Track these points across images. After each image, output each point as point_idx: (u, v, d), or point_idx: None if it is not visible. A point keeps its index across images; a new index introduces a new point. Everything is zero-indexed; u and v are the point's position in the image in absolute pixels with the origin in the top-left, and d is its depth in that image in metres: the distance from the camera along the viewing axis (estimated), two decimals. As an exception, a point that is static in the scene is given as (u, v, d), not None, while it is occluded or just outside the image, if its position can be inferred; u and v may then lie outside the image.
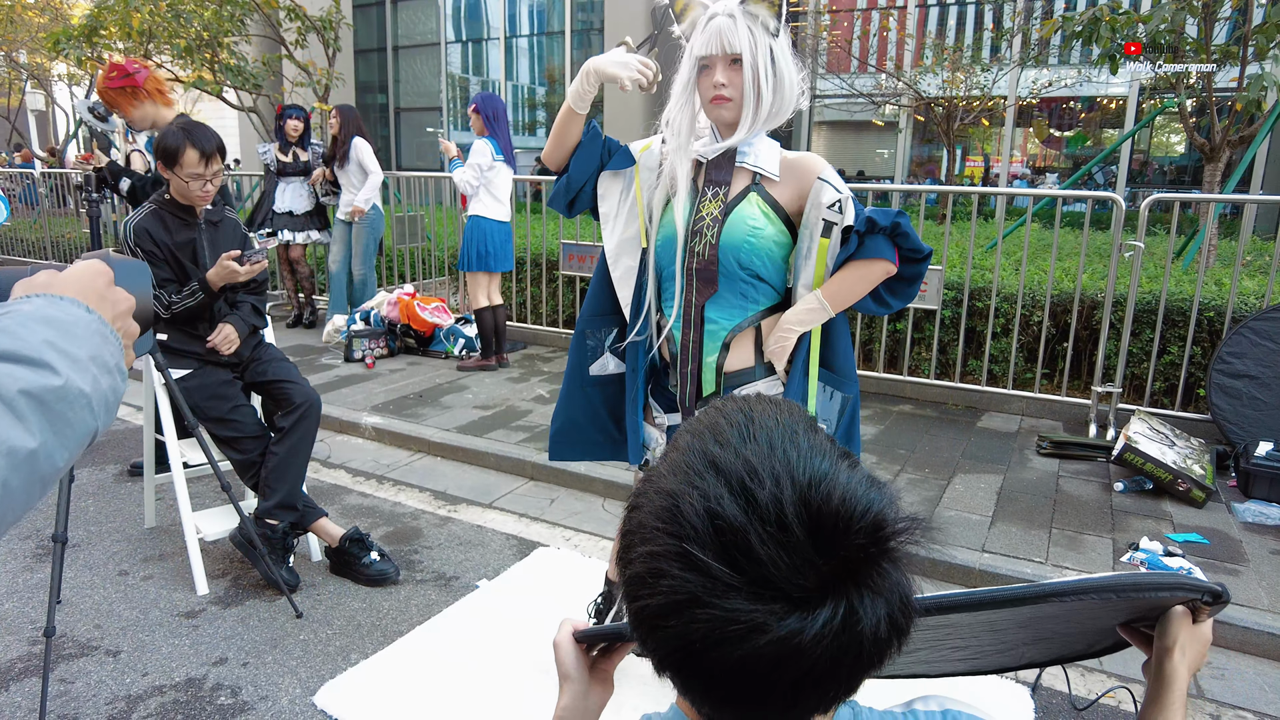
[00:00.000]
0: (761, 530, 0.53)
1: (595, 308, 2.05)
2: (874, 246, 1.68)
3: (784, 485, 0.55)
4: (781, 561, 0.53)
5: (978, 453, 3.99)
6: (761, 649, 0.53)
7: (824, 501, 0.55)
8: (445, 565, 3.02)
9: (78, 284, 0.69)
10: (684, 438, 0.63)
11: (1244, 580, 2.80)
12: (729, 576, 0.53)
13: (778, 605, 0.53)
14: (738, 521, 0.54)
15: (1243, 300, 4.20)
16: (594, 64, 1.81)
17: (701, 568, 0.54)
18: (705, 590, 0.54)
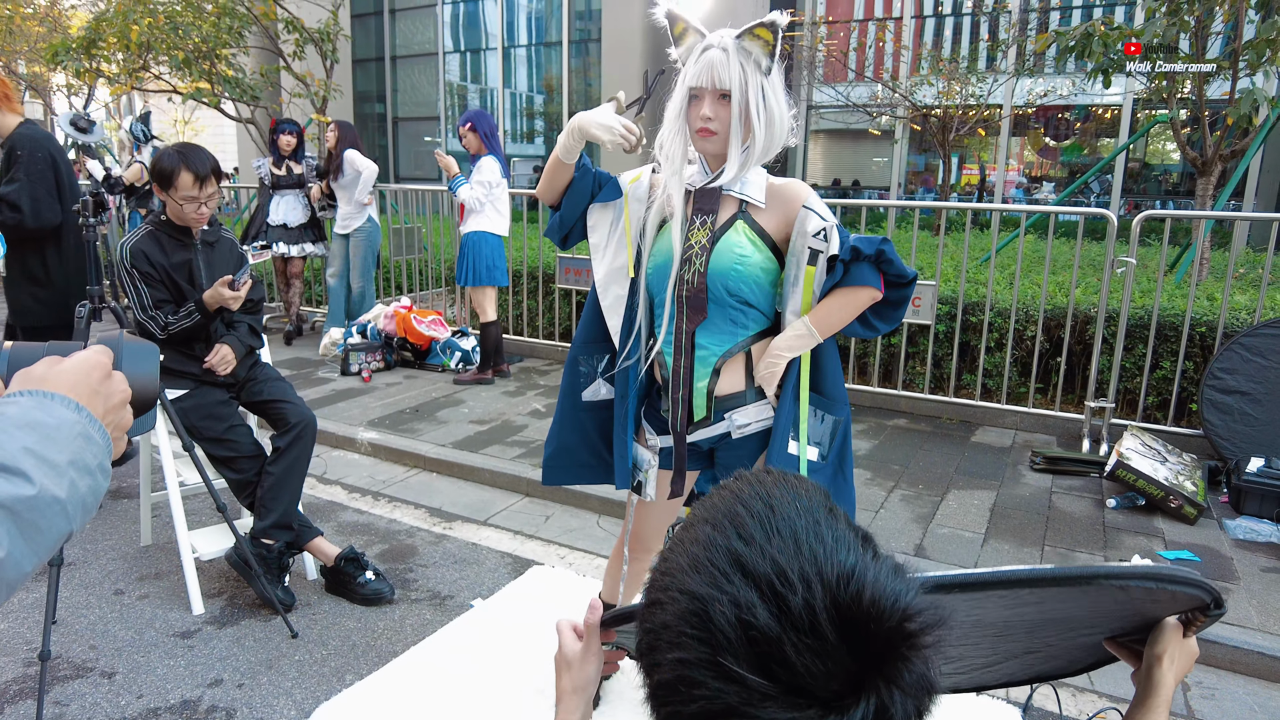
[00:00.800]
0: (796, 639, 0.53)
1: (587, 334, 2.07)
2: (859, 274, 1.71)
3: (815, 588, 0.55)
4: (816, 668, 0.53)
5: (971, 468, 4.01)
6: None
7: (854, 601, 0.55)
8: (440, 584, 3.03)
9: (72, 379, 0.70)
10: (703, 529, 0.62)
11: (1235, 599, 2.82)
12: (765, 686, 0.53)
13: (812, 711, 0.53)
14: (772, 632, 0.54)
15: (1234, 315, 4.23)
16: (580, 121, 1.84)
17: (737, 679, 0.54)
18: (740, 700, 0.54)
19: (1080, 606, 0.95)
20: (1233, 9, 5.54)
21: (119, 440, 0.75)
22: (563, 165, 1.90)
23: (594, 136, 1.83)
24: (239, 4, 8.95)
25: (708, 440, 1.94)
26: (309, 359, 6.03)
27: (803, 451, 1.81)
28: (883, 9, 14.79)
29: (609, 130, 1.81)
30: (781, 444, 1.80)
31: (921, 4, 14.40)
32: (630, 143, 1.84)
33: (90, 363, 0.73)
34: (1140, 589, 0.88)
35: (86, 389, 0.71)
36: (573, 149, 1.87)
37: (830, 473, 1.85)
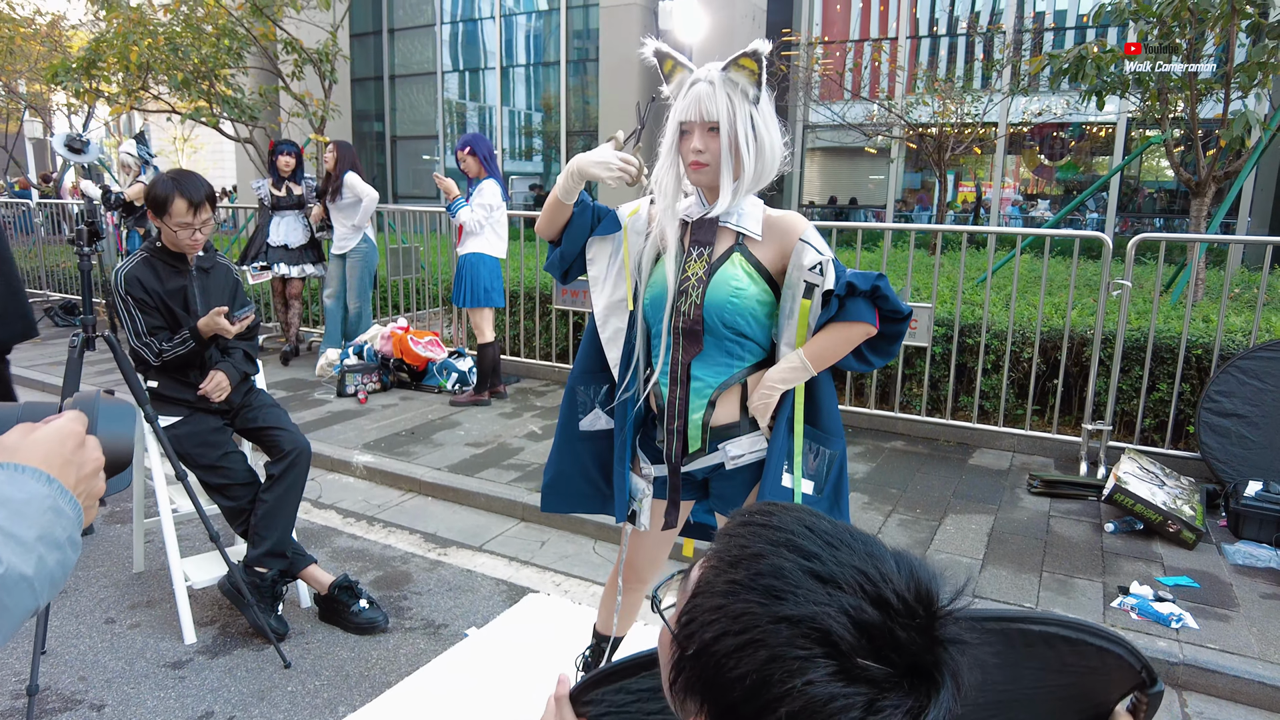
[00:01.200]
0: (903, 622, 0.60)
1: (586, 365, 2.07)
2: (854, 310, 1.71)
3: (892, 578, 0.62)
4: (918, 643, 0.60)
5: (969, 491, 4.00)
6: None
7: (920, 580, 0.63)
8: (434, 612, 3.01)
9: (44, 450, 0.69)
10: (736, 572, 0.64)
11: (1234, 626, 2.80)
12: (888, 674, 0.59)
13: (923, 689, 0.59)
14: (883, 623, 0.60)
15: (1230, 338, 4.23)
16: (578, 164, 1.86)
17: (867, 678, 0.58)
18: (873, 694, 0.58)
19: (1021, 681, 0.96)
20: (1224, 32, 5.58)
21: (90, 509, 0.74)
22: (562, 205, 1.91)
23: (593, 176, 1.85)
24: (239, 25, 9.00)
25: (702, 470, 1.94)
26: (305, 380, 6.02)
27: (797, 484, 1.80)
28: (878, 29, 14.91)
29: (607, 167, 1.83)
30: (775, 476, 1.79)
31: (917, 24, 14.52)
32: (631, 175, 1.85)
33: (64, 432, 0.72)
34: (1068, 649, 0.89)
35: (59, 459, 0.70)
36: (572, 190, 1.88)
37: (825, 507, 1.84)
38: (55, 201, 10.36)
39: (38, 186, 16.14)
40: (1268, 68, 5.39)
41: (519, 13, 17.52)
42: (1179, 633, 2.74)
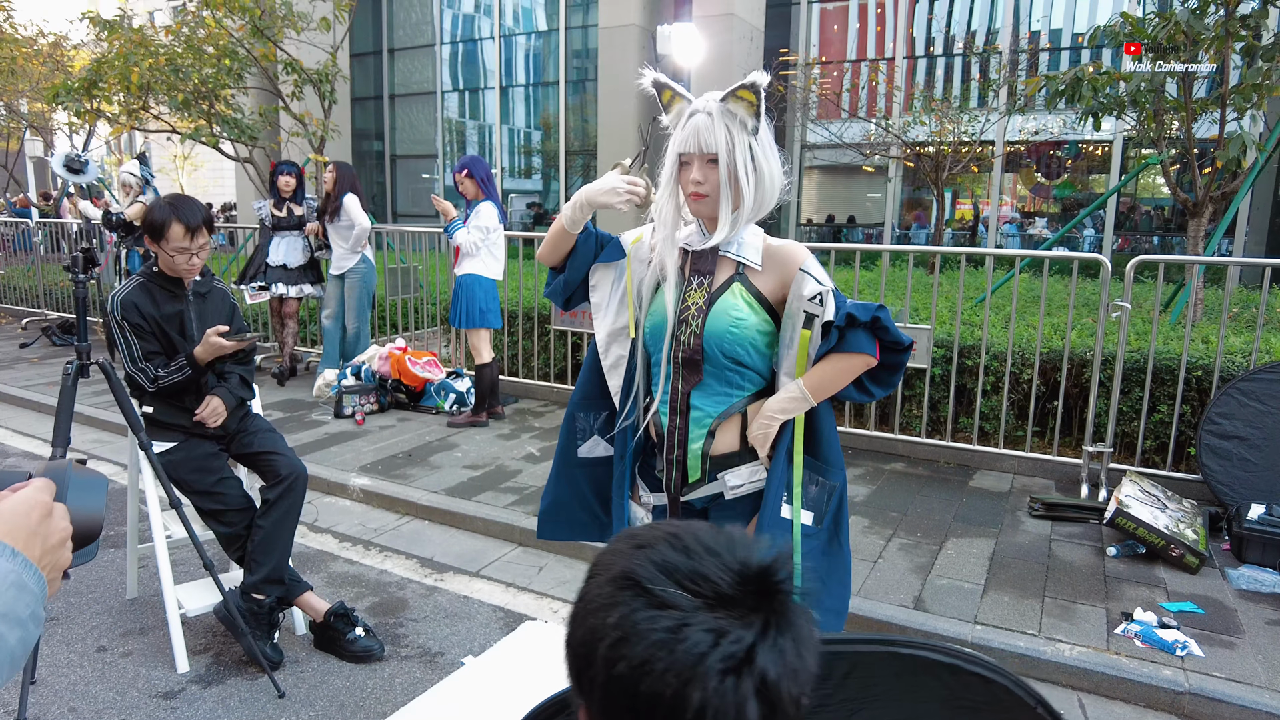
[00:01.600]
0: (711, 561, 0.66)
1: (586, 391, 2.06)
2: (854, 341, 1.69)
3: (705, 538, 0.69)
4: (728, 578, 0.65)
5: (970, 515, 3.97)
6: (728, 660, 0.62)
7: (748, 557, 0.67)
8: (431, 640, 2.97)
9: (9, 523, 0.68)
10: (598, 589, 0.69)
11: (1240, 654, 2.77)
12: (692, 600, 0.63)
13: (734, 612, 0.63)
14: (688, 565, 0.66)
15: (1230, 359, 4.22)
16: (586, 194, 1.85)
17: (670, 603, 0.63)
18: (678, 621, 0.62)
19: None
20: (1219, 54, 5.62)
21: (54, 580, 0.72)
22: (567, 235, 1.90)
23: (603, 204, 1.84)
24: (239, 46, 9.06)
25: (701, 500, 1.92)
26: (302, 400, 6.00)
27: (796, 516, 1.78)
28: (875, 50, 15.03)
29: (614, 193, 1.82)
30: (774, 508, 1.77)
31: (913, 45, 14.64)
32: (640, 196, 1.84)
33: (30, 502, 0.70)
34: (951, 678, 0.92)
35: (24, 532, 0.68)
36: (579, 220, 1.88)
37: (825, 539, 1.82)
38: (54, 220, 10.37)
39: (38, 205, 16.17)
40: (1262, 89, 5.42)
41: (518, 33, 17.66)
42: (1184, 660, 2.71)
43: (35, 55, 14.58)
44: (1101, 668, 2.69)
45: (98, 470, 0.89)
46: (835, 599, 1.82)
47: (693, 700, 0.60)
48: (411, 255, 7.16)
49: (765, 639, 0.63)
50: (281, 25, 9.00)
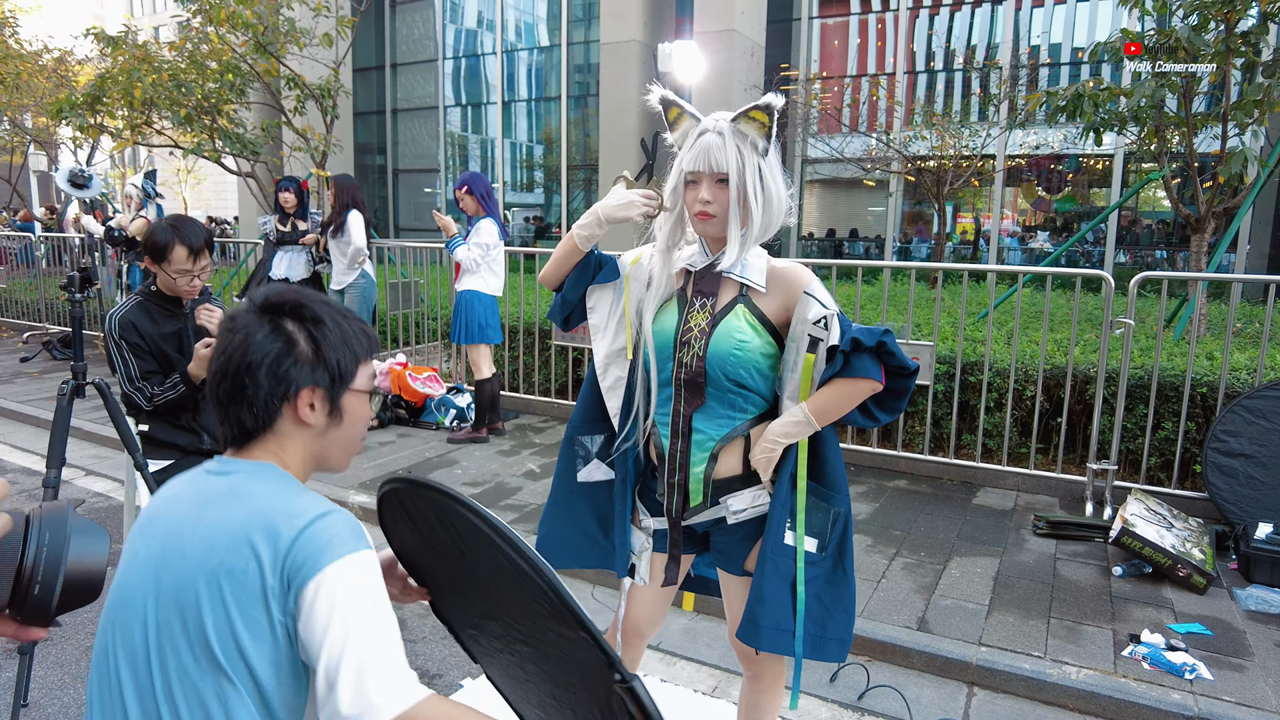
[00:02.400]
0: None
1: (585, 414, 2.03)
2: (859, 366, 1.67)
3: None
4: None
5: (974, 533, 3.93)
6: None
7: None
8: (429, 662, 2.94)
9: None
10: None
11: (1250, 676, 2.73)
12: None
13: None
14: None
15: (1235, 376, 4.20)
16: (601, 210, 1.83)
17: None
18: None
19: (478, 572, 1.16)
20: (1219, 70, 5.63)
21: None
22: (577, 252, 1.88)
23: (620, 218, 1.82)
24: (242, 61, 9.10)
25: (703, 524, 1.89)
26: (302, 416, 5.97)
27: (800, 542, 1.75)
28: (875, 65, 15.10)
29: (629, 206, 1.81)
30: (778, 533, 1.74)
31: (914, 60, 14.71)
32: (654, 206, 1.82)
33: None
34: (495, 551, 1.07)
35: None
36: (592, 238, 1.86)
37: (829, 566, 1.79)
38: (58, 235, 10.40)
39: (42, 220, 16.23)
40: (1263, 105, 5.42)
41: (520, 48, 17.76)
42: (1193, 684, 2.67)
43: (40, 70, 14.68)
44: (1109, 691, 2.65)
45: (100, 525, 0.89)
46: (839, 628, 1.78)
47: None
48: (412, 270, 7.16)
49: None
50: (284, 41, 9.05)
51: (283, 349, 1.14)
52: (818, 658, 1.77)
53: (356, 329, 1.21)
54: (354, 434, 1.23)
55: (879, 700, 2.73)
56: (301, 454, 1.19)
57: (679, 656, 2.99)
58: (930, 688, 2.81)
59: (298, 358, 1.15)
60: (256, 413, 1.14)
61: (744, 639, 1.74)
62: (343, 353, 1.18)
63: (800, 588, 1.73)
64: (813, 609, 1.75)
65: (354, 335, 1.20)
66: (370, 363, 1.24)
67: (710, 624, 3.20)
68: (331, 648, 0.99)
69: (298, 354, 1.15)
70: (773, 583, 1.72)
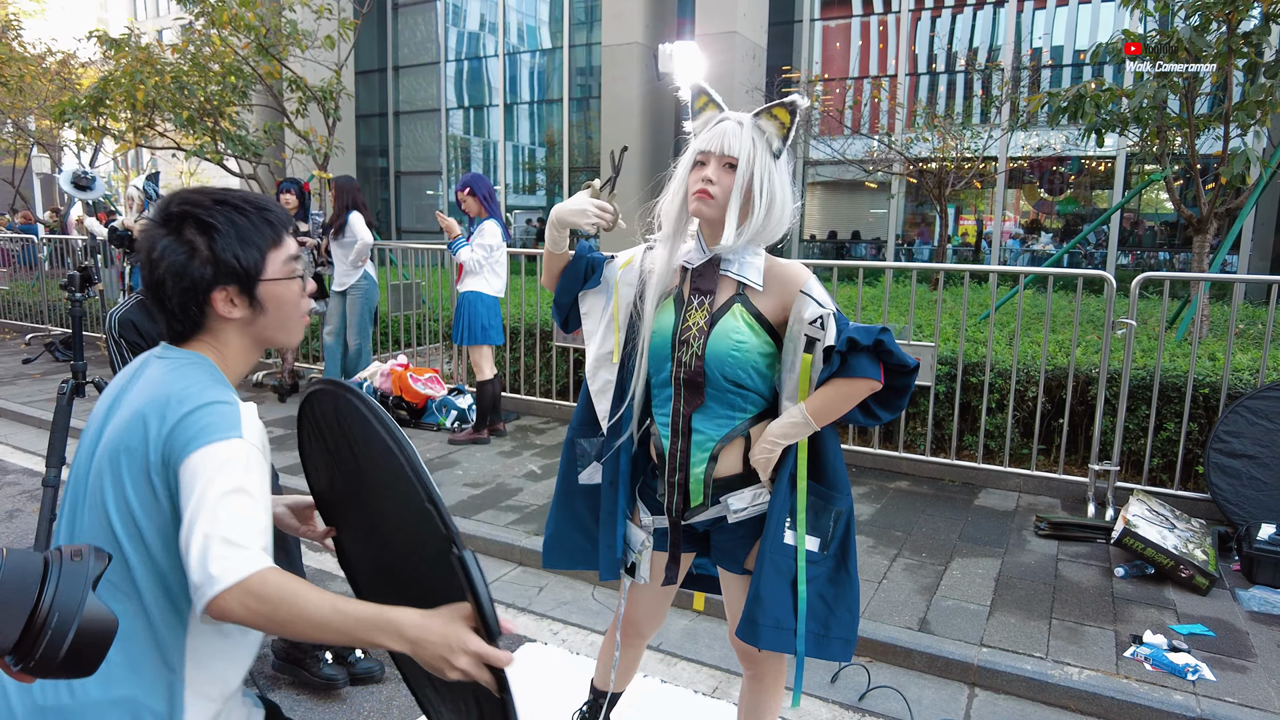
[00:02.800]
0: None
1: (585, 417, 2.03)
2: (857, 365, 1.65)
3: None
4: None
5: (975, 534, 3.92)
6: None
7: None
8: (428, 662, 2.93)
9: None
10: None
11: (1253, 678, 2.72)
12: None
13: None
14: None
15: (1237, 376, 4.18)
16: (556, 214, 1.88)
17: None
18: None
19: (370, 479, 1.23)
20: (1221, 71, 5.62)
21: None
22: (554, 256, 1.93)
23: (572, 223, 1.86)
24: (244, 63, 9.12)
25: (703, 523, 1.88)
26: (304, 417, 5.97)
27: (800, 541, 1.74)
28: (878, 67, 15.10)
29: (582, 214, 1.85)
30: (777, 533, 1.73)
31: (916, 62, 14.71)
32: (606, 220, 1.86)
33: None
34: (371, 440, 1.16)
35: None
36: (558, 240, 1.90)
37: (832, 565, 1.78)
38: (60, 237, 10.42)
39: (47, 223, 16.26)
40: (1266, 106, 5.41)
41: (523, 51, 17.79)
42: (1196, 685, 2.66)
43: (43, 73, 14.71)
44: (1111, 692, 2.64)
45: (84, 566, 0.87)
46: (843, 627, 1.77)
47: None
48: (414, 271, 7.16)
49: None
50: (286, 43, 9.06)
51: (184, 258, 1.20)
52: (821, 656, 1.76)
53: (256, 220, 1.24)
54: (287, 316, 1.29)
55: (880, 701, 2.72)
56: (238, 341, 1.26)
57: (679, 657, 2.99)
58: (931, 688, 2.80)
59: (201, 262, 1.20)
60: (180, 317, 1.23)
61: (743, 637, 1.74)
62: (242, 249, 1.21)
63: (802, 586, 1.73)
64: (815, 607, 1.75)
65: (253, 229, 1.23)
66: (282, 247, 1.27)
67: (711, 625, 3.19)
68: (188, 523, 1.06)
69: (199, 259, 1.20)
70: (771, 581, 1.71)
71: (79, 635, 0.82)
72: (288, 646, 2.82)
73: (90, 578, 0.84)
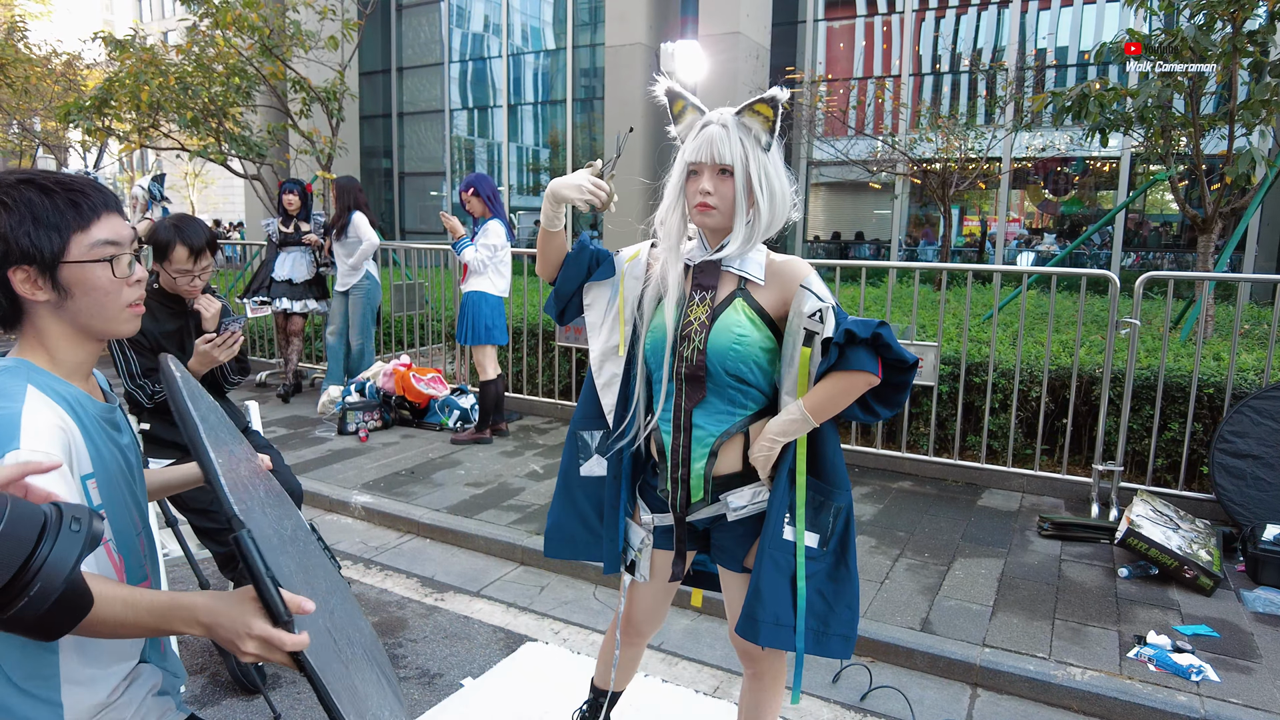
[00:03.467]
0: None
1: (587, 410, 2.03)
2: (854, 359, 1.65)
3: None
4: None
5: (978, 534, 3.91)
6: None
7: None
8: (430, 661, 2.93)
9: None
10: None
11: (1258, 679, 2.70)
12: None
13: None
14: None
15: (1242, 376, 4.16)
16: (553, 187, 1.87)
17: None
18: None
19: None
20: (1226, 70, 5.59)
21: None
22: (549, 234, 1.91)
23: (565, 198, 1.85)
24: (248, 64, 9.14)
25: (703, 521, 1.88)
26: (307, 417, 5.98)
27: (800, 537, 1.74)
28: (881, 67, 15.08)
29: (579, 190, 1.84)
30: (776, 528, 1.73)
31: (919, 62, 14.68)
32: (600, 199, 1.86)
33: None
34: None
35: None
36: (552, 216, 1.89)
37: (831, 561, 1.77)
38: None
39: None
40: (1271, 105, 5.39)
41: (526, 52, 17.81)
42: (1199, 686, 2.65)
43: (49, 74, 14.76)
44: (1114, 693, 2.63)
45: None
46: (843, 624, 1.77)
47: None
48: (418, 272, 7.17)
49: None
50: (290, 44, 9.08)
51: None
52: (821, 653, 1.76)
53: (61, 202, 1.21)
54: (100, 303, 1.24)
55: (881, 701, 2.71)
56: (57, 329, 1.23)
57: (681, 657, 2.98)
58: (933, 689, 2.79)
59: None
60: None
61: (743, 634, 1.73)
62: (36, 232, 1.18)
63: (801, 583, 1.72)
64: (815, 604, 1.74)
65: (54, 210, 1.20)
66: (91, 230, 1.23)
67: (712, 624, 3.18)
68: None
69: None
70: (770, 578, 1.70)
71: (58, 602, 0.81)
72: None
73: (85, 540, 0.83)
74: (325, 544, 1.65)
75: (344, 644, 1.27)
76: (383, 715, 1.23)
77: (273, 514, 1.27)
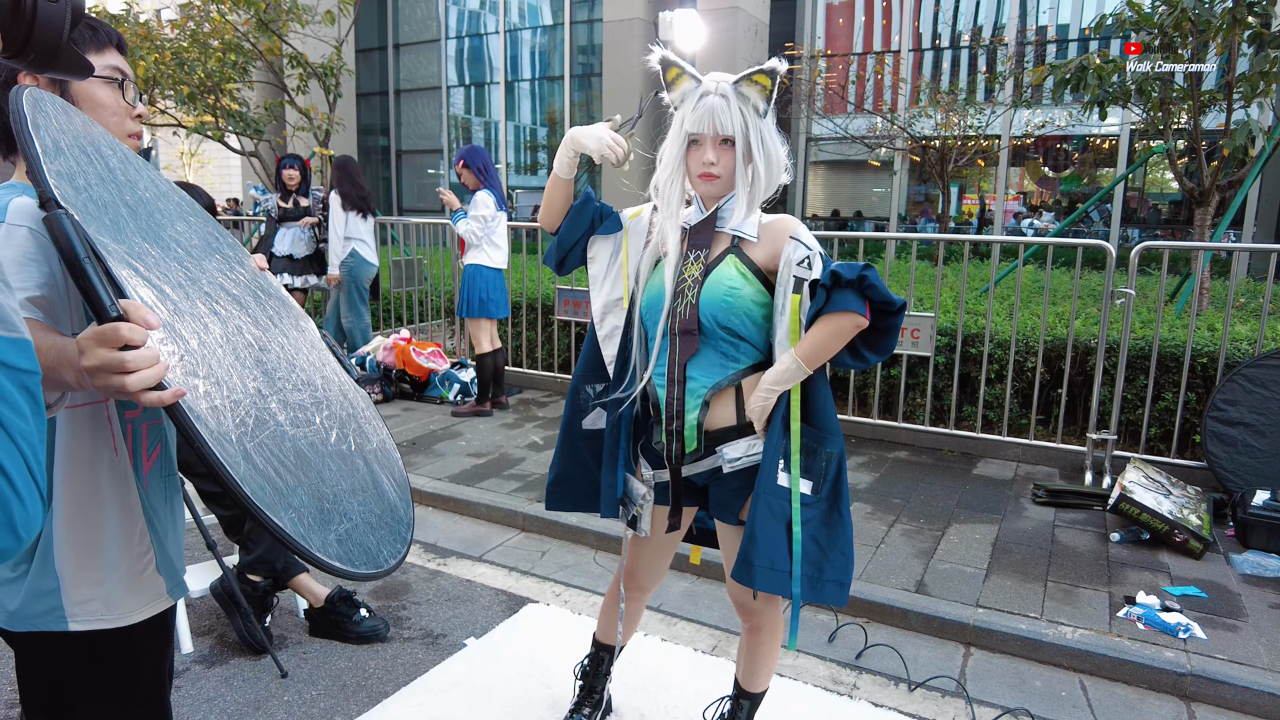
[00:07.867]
0: None
1: (588, 364, 2.07)
2: (841, 300, 1.68)
3: None
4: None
5: (973, 501, 3.96)
6: None
7: None
8: (433, 622, 2.99)
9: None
10: None
11: (1243, 636, 2.76)
12: None
13: None
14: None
15: (1235, 346, 4.20)
16: (573, 133, 1.90)
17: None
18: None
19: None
20: (1225, 43, 5.59)
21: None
22: (559, 181, 1.94)
23: (584, 147, 1.89)
24: (245, 40, 9.09)
25: (700, 476, 1.92)
26: (307, 391, 6.02)
27: (794, 484, 1.78)
28: (881, 43, 14.98)
29: (598, 140, 1.87)
30: (770, 474, 1.77)
31: (919, 37, 14.59)
32: (617, 155, 1.89)
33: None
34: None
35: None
36: (567, 163, 1.92)
37: (825, 508, 1.81)
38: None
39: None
40: (1270, 77, 5.39)
41: (523, 28, 17.66)
42: (1186, 643, 2.71)
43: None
44: (1103, 650, 2.69)
45: None
46: (837, 570, 1.81)
47: None
48: (416, 249, 7.18)
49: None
50: (286, 19, 9.03)
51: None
52: (815, 600, 1.80)
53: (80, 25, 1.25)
54: (105, 122, 1.29)
55: (876, 660, 2.77)
56: None
57: (680, 617, 3.04)
58: (927, 648, 2.85)
59: None
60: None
61: (738, 578, 1.77)
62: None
63: (796, 528, 1.76)
64: (809, 550, 1.78)
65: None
66: (104, 54, 1.28)
67: (710, 586, 3.24)
68: None
69: None
70: (765, 522, 1.74)
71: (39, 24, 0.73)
72: (319, 613, 2.86)
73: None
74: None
75: (299, 407, 1.15)
76: (350, 509, 1.11)
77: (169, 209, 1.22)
